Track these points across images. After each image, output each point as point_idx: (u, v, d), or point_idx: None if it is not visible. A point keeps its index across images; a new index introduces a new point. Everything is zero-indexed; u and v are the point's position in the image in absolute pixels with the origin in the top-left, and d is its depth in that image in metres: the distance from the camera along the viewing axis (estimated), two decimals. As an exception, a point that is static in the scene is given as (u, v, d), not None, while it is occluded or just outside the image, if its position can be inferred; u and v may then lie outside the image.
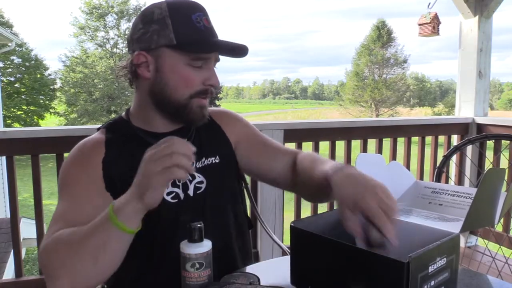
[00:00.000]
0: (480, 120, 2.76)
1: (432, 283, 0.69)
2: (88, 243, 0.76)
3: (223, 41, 0.94)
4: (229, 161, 1.08)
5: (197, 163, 1.00)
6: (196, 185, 0.99)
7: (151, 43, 0.91)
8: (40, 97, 21.02)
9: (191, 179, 0.99)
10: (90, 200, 0.89)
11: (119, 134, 0.99)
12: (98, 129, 1.03)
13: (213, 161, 1.03)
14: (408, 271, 0.63)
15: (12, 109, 19.66)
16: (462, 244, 2.63)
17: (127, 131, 0.99)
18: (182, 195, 0.97)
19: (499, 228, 2.50)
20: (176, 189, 0.97)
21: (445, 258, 0.70)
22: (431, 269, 0.68)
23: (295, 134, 2.30)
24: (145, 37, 0.91)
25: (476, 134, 2.72)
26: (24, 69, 20.56)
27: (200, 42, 0.91)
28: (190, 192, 0.98)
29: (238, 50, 0.94)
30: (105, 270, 0.78)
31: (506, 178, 2.40)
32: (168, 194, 0.96)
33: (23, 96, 20.35)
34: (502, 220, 2.46)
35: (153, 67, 0.92)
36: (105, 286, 1.06)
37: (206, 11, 0.94)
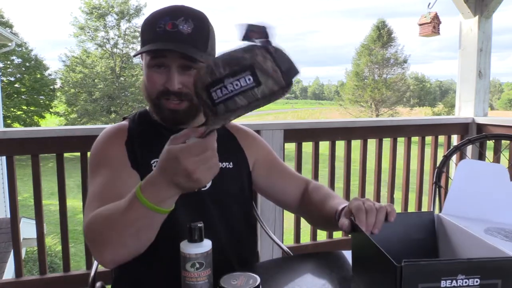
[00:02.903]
0: (480, 120, 2.76)
1: None
2: (123, 221, 0.79)
3: (171, 44, 0.94)
4: (243, 172, 1.12)
5: None
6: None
7: (140, 45, 1.02)
8: (40, 97, 21.00)
9: None
10: (121, 177, 0.96)
11: (140, 124, 1.07)
12: (124, 118, 1.12)
13: (226, 166, 1.07)
14: (401, 276, 0.63)
15: (12, 109, 19.65)
16: None
17: (148, 122, 1.07)
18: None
19: None
20: None
21: (478, 279, 0.66)
22: (444, 284, 0.66)
23: (295, 134, 2.30)
24: (140, 40, 1.03)
25: (476, 134, 2.72)
26: (24, 69, 20.54)
27: (151, 44, 0.95)
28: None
29: (186, 56, 0.94)
30: (144, 243, 0.82)
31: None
32: None
33: (23, 96, 20.34)
34: None
35: (143, 67, 1.03)
36: (106, 287, 1.07)
37: (180, 16, 0.95)
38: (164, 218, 0.79)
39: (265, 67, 0.68)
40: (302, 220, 1.45)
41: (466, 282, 0.66)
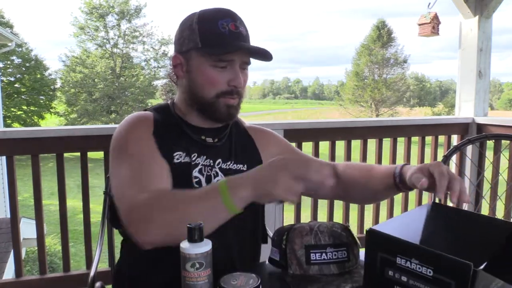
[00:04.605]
0: (480, 120, 2.76)
1: None
2: (194, 209, 0.84)
3: (246, 44, 1.01)
4: None
5: (224, 164, 1.06)
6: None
7: (183, 46, 1.03)
8: (40, 97, 21.00)
9: (215, 175, 1.05)
10: (156, 163, 0.98)
11: (164, 118, 1.07)
12: (145, 110, 1.11)
13: (241, 168, 1.09)
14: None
15: (12, 109, 19.64)
16: None
17: (170, 117, 1.08)
18: (204, 185, 1.02)
19: None
20: (201, 177, 1.02)
21: (431, 270, 0.69)
22: (399, 261, 0.71)
23: (295, 134, 2.30)
24: (180, 41, 1.04)
25: (476, 134, 2.72)
26: (24, 69, 20.53)
27: (221, 44, 0.98)
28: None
29: (261, 53, 1.01)
30: None
31: (506, 178, 2.39)
32: (195, 177, 1.02)
33: (23, 96, 20.33)
34: None
35: (185, 68, 1.04)
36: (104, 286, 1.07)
37: (237, 17, 1.02)
38: (227, 219, 0.85)
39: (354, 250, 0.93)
40: (302, 221, 1.45)
41: (419, 268, 0.69)
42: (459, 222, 0.85)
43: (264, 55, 1.03)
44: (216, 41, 0.98)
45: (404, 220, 0.91)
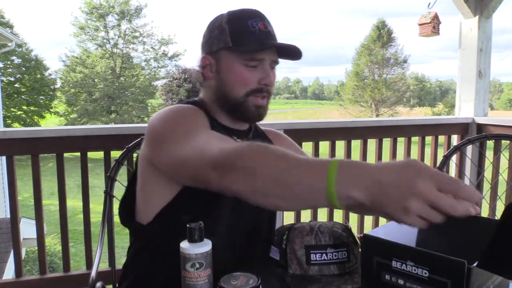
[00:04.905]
0: (480, 120, 2.76)
1: None
2: (290, 175, 0.68)
3: (277, 42, 1.02)
4: None
5: None
6: None
7: (213, 46, 1.03)
8: (40, 97, 21.01)
9: None
10: None
11: (206, 115, 1.03)
12: (186, 102, 1.07)
13: None
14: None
15: (12, 109, 19.65)
16: None
17: (208, 116, 1.04)
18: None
19: None
20: None
21: (426, 271, 0.69)
22: (395, 264, 0.71)
23: (295, 134, 2.29)
24: (209, 42, 1.04)
25: (476, 134, 2.72)
26: (24, 69, 20.54)
27: (252, 42, 0.99)
28: None
29: (291, 52, 1.03)
30: (272, 202, 0.72)
31: (506, 178, 2.39)
32: None
33: (23, 96, 20.34)
34: None
35: (214, 68, 1.04)
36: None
37: (265, 18, 1.04)
38: (311, 208, 0.77)
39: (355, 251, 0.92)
40: (302, 220, 1.45)
41: (415, 270, 0.69)
42: (455, 223, 0.85)
43: (294, 54, 1.04)
44: (247, 40, 0.99)
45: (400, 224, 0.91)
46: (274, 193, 0.70)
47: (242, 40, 1.00)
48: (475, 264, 0.65)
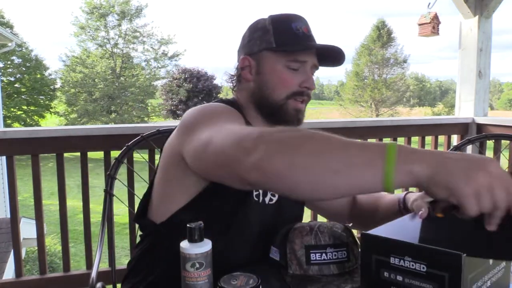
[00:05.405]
0: (480, 120, 2.76)
1: None
2: (340, 155, 0.65)
3: (320, 44, 1.03)
4: None
5: None
6: (270, 196, 1.02)
7: (254, 47, 1.03)
8: (40, 97, 21.01)
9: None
10: None
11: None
12: (222, 101, 1.06)
13: None
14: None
15: (12, 109, 19.65)
16: None
17: (243, 116, 1.02)
18: (260, 198, 1.00)
19: None
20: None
21: (424, 266, 0.69)
22: (393, 260, 0.71)
23: (295, 134, 2.30)
24: (250, 43, 1.04)
25: (476, 134, 2.72)
26: (24, 69, 20.54)
27: (297, 44, 1.00)
28: (266, 199, 1.01)
29: (335, 55, 1.04)
30: (315, 185, 0.66)
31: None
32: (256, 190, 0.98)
33: (23, 96, 20.34)
34: None
35: (254, 70, 1.03)
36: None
37: (307, 23, 1.05)
38: (354, 191, 0.71)
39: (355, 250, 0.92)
40: (302, 220, 1.45)
41: (413, 265, 0.69)
42: (456, 221, 0.85)
43: (335, 59, 1.05)
44: (291, 41, 1.00)
45: (401, 223, 0.91)
46: (318, 167, 0.64)
47: (286, 41, 1.00)
48: (465, 255, 0.65)
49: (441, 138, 2.79)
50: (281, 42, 1.00)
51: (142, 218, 1.04)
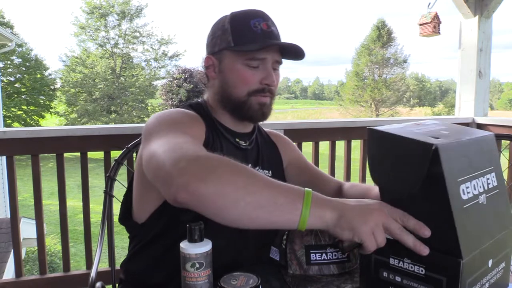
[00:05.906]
0: (480, 120, 2.76)
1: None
2: (262, 193, 0.70)
3: (277, 42, 1.02)
4: (280, 178, 1.11)
5: (253, 168, 1.04)
6: None
7: (215, 46, 1.04)
8: (40, 97, 20.99)
9: None
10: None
11: (206, 117, 1.04)
12: (189, 104, 1.08)
13: (266, 174, 1.09)
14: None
15: (12, 109, 19.64)
16: None
17: (210, 118, 1.06)
18: None
19: None
20: None
21: (423, 269, 0.70)
22: (392, 261, 0.73)
23: (295, 134, 2.30)
24: (212, 42, 1.05)
25: (476, 134, 2.71)
26: (24, 69, 20.53)
27: (254, 42, 0.99)
28: None
29: (293, 51, 1.03)
30: (236, 218, 0.71)
31: (506, 178, 2.39)
32: None
33: (23, 96, 20.33)
34: None
35: (217, 68, 1.05)
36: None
37: (268, 18, 1.04)
38: (270, 225, 0.72)
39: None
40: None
41: (412, 267, 0.71)
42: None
43: (296, 54, 1.03)
44: (249, 39, 0.99)
45: None
46: (245, 200, 0.68)
47: (244, 40, 1.00)
48: (463, 261, 0.66)
49: (441, 138, 2.78)
50: (238, 41, 1.00)
51: (127, 219, 1.06)
